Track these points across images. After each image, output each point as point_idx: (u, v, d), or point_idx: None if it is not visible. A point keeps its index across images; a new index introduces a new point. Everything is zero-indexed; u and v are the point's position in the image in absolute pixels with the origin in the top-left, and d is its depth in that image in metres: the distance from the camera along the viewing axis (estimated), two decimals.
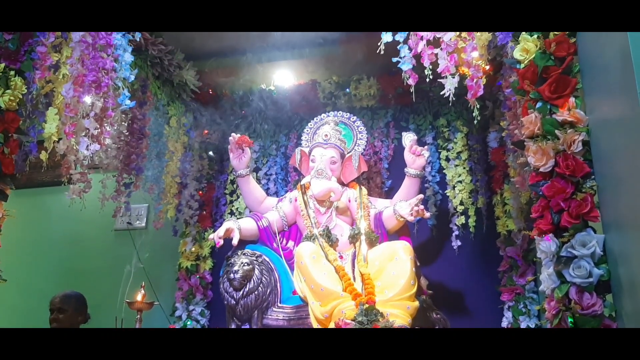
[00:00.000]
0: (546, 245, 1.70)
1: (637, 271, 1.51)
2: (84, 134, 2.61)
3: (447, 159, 3.47)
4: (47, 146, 2.65)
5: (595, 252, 1.62)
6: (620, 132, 1.58)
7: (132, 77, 2.42)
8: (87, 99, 2.38)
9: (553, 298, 1.67)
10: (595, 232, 1.68)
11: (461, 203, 3.36)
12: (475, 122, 2.00)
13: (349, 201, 3.10)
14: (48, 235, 4.23)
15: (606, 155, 1.67)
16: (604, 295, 1.63)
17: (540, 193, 1.75)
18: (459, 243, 3.32)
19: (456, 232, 3.34)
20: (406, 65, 2.06)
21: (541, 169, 1.75)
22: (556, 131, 1.74)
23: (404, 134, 3.04)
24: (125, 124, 3.02)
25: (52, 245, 4.20)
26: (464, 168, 3.41)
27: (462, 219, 3.33)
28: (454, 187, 3.41)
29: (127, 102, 2.38)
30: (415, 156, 3.00)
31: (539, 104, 1.79)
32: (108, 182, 2.96)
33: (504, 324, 2.94)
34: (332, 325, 2.54)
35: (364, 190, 3.14)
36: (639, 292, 1.50)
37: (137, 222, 4.05)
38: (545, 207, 1.73)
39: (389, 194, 3.41)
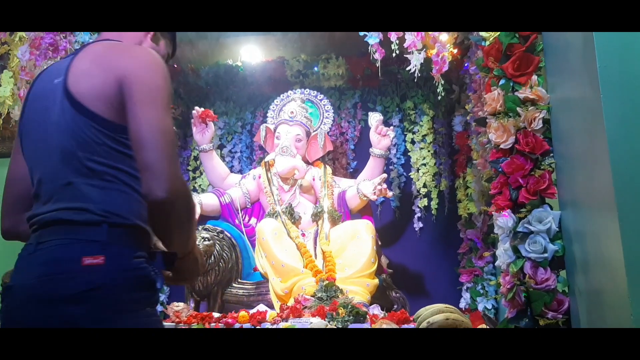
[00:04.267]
0: (503, 221, 1.71)
1: (590, 248, 1.54)
2: None
3: (413, 142, 3.48)
4: (1, 111, 2.55)
5: (551, 228, 1.65)
6: (580, 112, 1.59)
7: (91, 41, 2.34)
8: (44, 63, 2.29)
9: (508, 273, 1.69)
10: (552, 208, 1.70)
11: (424, 186, 3.38)
12: (440, 97, 2.01)
13: (313, 180, 3.08)
14: None
15: (565, 133, 1.69)
16: (557, 271, 1.65)
17: (500, 170, 1.76)
18: (421, 225, 3.35)
19: (418, 214, 3.37)
20: (373, 39, 2.04)
21: (502, 146, 1.76)
22: (518, 108, 1.75)
23: (370, 113, 3.04)
24: None
25: None
26: (429, 151, 3.43)
27: (425, 202, 3.36)
28: (418, 170, 3.42)
29: None
30: (381, 136, 3.00)
31: (502, 81, 1.80)
32: None
33: (462, 304, 2.98)
34: (291, 302, 2.54)
35: (329, 169, 3.13)
36: (591, 269, 1.53)
37: None
38: (504, 183, 1.75)
39: (354, 175, 3.41)
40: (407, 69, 2.10)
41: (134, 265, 1.09)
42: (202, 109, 3.00)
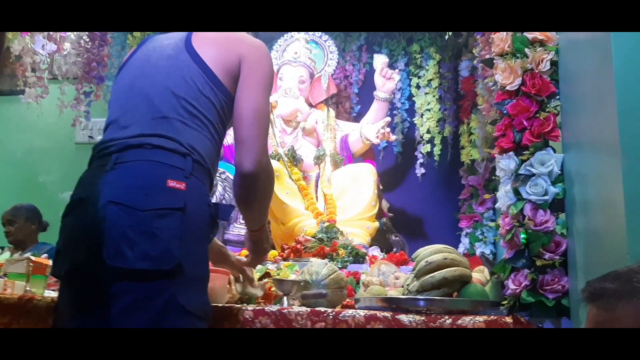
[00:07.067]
0: (505, 163, 1.71)
1: (590, 191, 1.54)
2: (41, 36, 2.50)
3: (418, 87, 3.43)
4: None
5: (553, 170, 1.64)
6: (588, 54, 1.56)
7: None
8: None
9: (508, 214, 1.70)
10: (555, 151, 1.69)
11: (428, 131, 3.36)
12: (447, 37, 1.96)
13: (316, 122, 3.07)
14: (5, 146, 4.10)
15: (572, 76, 1.66)
16: (557, 213, 1.66)
17: (505, 112, 1.74)
18: (423, 171, 3.35)
19: (421, 160, 3.36)
20: None
21: (508, 87, 1.73)
22: (526, 49, 1.71)
23: (375, 56, 2.99)
24: None
25: (9, 156, 4.08)
26: (434, 96, 3.38)
27: (428, 147, 3.35)
28: (422, 115, 3.39)
29: None
30: (386, 79, 2.97)
31: None
32: (67, 89, 2.85)
33: (461, 249, 3.02)
34: (292, 243, 2.57)
35: (332, 112, 3.11)
36: (590, 211, 1.53)
37: (99, 136, 3.93)
38: (508, 125, 1.73)
39: (357, 119, 3.38)
40: None
41: (207, 202, 1.23)
42: None
